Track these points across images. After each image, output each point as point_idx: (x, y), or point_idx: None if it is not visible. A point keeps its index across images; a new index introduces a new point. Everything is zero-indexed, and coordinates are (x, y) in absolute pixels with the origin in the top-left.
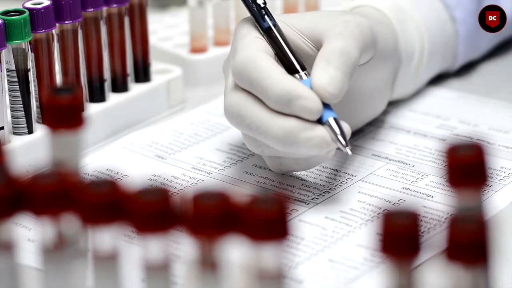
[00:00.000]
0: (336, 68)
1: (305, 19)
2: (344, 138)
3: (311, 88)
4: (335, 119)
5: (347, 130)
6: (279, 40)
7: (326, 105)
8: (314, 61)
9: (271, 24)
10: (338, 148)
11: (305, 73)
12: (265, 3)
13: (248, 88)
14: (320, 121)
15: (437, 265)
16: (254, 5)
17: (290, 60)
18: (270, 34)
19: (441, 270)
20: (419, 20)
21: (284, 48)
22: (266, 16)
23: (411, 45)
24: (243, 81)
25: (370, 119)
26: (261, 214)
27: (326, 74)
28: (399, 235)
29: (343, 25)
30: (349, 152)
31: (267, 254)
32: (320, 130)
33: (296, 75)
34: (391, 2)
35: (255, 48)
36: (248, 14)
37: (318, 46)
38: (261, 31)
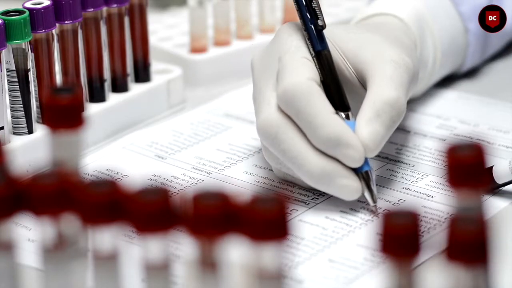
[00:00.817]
0: (383, 124)
1: (351, 41)
2: (374, 193)
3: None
4: (370, 172)
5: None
6: (327, 72)
7: None
8: (362, 103)
9: (321, 49)
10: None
11: (347, 114)
12: (324, 26)
13: (293, 117)
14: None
15: (437, 265)
16: (312, 26)
17: (334, 97)
18: (320, 58)
19: (441, 270)
20: (435, 30)
21: (330, 83)
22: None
23: (426, 55)
24: (289, 109)
25: None
26: (261, 214)
27: (371, 128)
28: (399, 235)
29: (392, 66)
30: (376, 210)
31: (267, 254)
32: (356, 181)
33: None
34: (412, 9)
35: (306, 77)
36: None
37: (358, 73)
38: (311, 51)
